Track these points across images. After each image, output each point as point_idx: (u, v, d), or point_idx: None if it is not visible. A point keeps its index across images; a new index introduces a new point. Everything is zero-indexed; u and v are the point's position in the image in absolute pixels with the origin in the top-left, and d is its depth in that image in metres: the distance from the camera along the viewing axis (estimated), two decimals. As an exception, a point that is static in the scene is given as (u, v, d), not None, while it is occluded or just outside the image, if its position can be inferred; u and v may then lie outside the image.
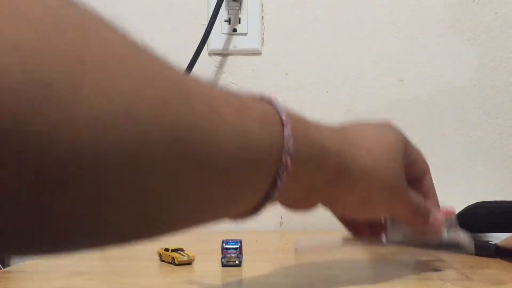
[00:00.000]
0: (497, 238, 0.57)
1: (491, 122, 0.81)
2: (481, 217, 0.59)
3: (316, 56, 0.82)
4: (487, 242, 0.54)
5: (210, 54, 0.82)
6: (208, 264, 0.50)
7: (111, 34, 0.23)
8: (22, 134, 0.17)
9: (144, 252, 0.58)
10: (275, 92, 0.82)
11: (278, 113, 0.31)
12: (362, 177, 0.36)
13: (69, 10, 0.21)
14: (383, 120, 0.42)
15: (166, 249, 0.52)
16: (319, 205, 0.37)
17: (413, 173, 0.42)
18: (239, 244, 0.49)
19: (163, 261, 0.52)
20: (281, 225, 0.81)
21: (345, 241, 0.52)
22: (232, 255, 0.49)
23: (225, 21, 0.81)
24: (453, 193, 0.80)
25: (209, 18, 0.78)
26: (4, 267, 0.79)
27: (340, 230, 0.43)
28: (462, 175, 0.81)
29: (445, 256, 0.54)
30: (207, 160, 0.24)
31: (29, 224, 0.19)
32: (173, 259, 0.50)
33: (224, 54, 0.82)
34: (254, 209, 0.31)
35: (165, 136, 0.22)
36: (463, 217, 0.62)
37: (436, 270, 0.47)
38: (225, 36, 0.82)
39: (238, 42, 0.82)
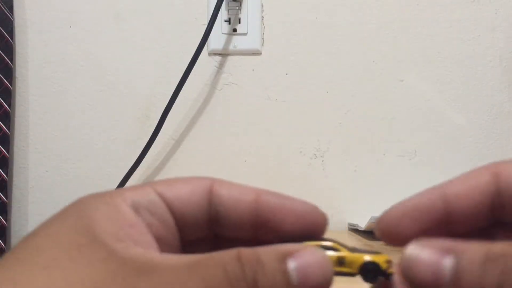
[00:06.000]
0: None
1: (491, 122, 0.81)
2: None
3: (316, 56, 0.82)
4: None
5: (210, 54, 0.82)
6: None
7: None
8: None
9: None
10: (275, 92, 0.82)
11: None
12: None
13: None
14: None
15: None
16: None
17: None
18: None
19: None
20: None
21: None
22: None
23: (225, 21, 0.81)
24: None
25: (209, 18, 0.78)
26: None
27: (341, 230, 0.43)
28: (462, 175, 0.81)
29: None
30: None
31: None
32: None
33: (224, 54, 0.82)
34: None
35: None
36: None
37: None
38: (225, 36, 0.82)
39: (238, 42, 0.82)
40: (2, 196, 0.79)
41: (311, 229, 0.22)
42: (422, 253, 0.19)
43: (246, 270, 0.19)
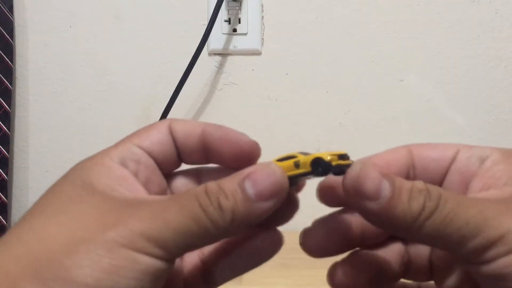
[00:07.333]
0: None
1: (491, 122, 0.81)
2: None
3: (316, 56, 0.82)
4: None
5: (210, 54, 0.82)
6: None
7: None
8: None
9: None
10: (275, 92, 0.82)
11: None
12: None
13: None
14: None
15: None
16: None
17: None
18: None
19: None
20: (281, 225, 0.81)
21: None
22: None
23: (225, 21, 0.81)
24: (453, 193, 0.80)
25: (209, 18, 0.78)
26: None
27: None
28: (462, 175, 0.81)
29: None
30: None
31: None
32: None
33: (224, 54, 0.82)
34: None
35: None
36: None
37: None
38: (225, 36, 0.82)
39: (238, 42, 0.82)
40: (2, 196, 0.79)
41: (246, 155, 0.27)
42: (370, 172, 0.25)
43: (211, 198, 0.23)
